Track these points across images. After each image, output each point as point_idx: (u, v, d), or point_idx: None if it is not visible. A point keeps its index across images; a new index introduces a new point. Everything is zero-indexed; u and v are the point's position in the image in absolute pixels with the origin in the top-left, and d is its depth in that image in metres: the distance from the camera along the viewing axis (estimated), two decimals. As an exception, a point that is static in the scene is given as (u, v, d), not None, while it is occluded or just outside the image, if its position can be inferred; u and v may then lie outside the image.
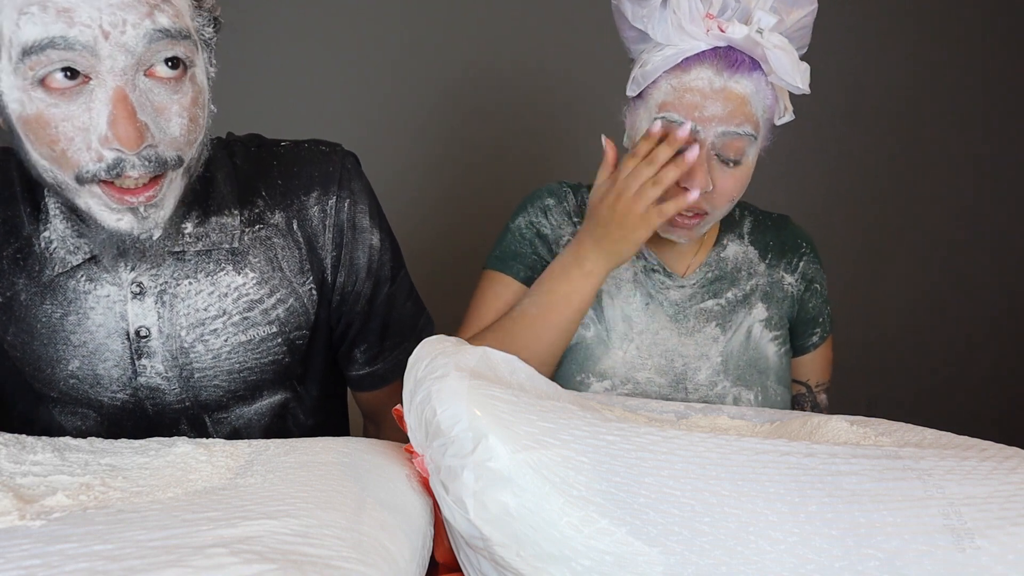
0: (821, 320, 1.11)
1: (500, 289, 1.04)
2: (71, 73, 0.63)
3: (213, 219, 0.80)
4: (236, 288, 0.81)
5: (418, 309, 0.96)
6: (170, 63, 0.66)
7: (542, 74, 1.91)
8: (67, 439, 0.67)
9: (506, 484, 0.51)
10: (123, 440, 0.68)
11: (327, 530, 0.49)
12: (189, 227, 0.79)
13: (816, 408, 1.13)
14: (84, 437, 0.71)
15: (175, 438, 0.68)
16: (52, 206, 0.77)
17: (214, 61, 0.75)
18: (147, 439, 0.68)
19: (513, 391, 0.58)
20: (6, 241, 0.79)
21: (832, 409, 1.10)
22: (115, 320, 0.78)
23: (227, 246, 0.80)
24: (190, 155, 0.71)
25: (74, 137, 0.64)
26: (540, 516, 0.50)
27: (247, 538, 0.46)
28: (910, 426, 0.73)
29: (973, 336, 2.27)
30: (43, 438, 0.66)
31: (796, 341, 1.11)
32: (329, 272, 0.86)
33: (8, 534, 0.47)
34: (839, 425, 0.73)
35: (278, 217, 0.84)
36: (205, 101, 0.72)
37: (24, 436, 0.66)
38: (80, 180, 0.66)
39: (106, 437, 0.76)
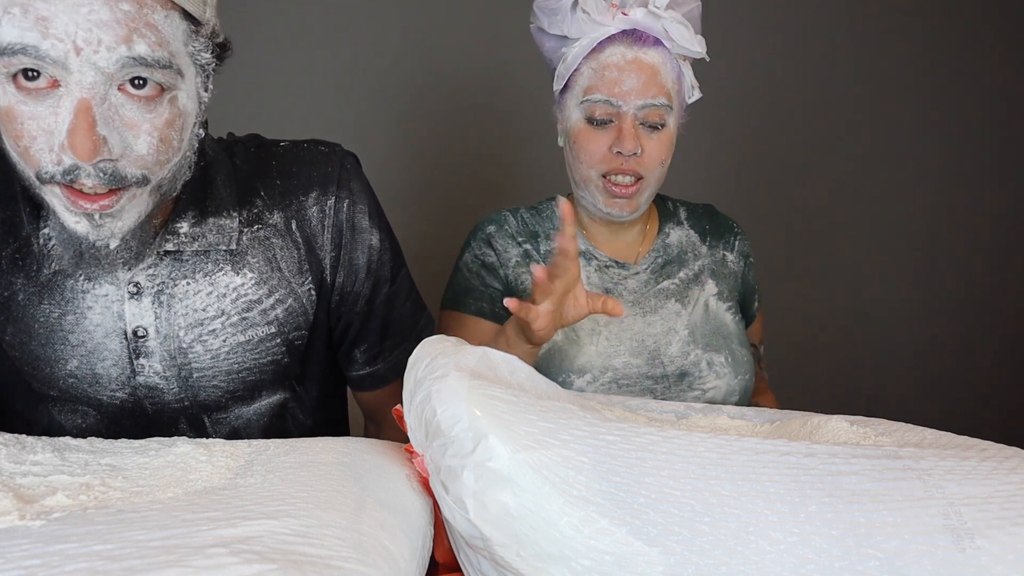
0: (756, 288, 1.23)
1: (455, 326, 1.11)
2: (34, 74, 0.63)
3: (211, 220, 0.80)
4: (235, 288, 0.81)
5: (418, 309, 0.96)
6: (136, 83, 0.66)
7: (539, 73, 1.91)
8: (67, 439, 0.67)
9: (506, 484, 0.51)
10: (123, 440, 0.68)
11: (327, 530, 0.49)
12: (185, 227, 0.79)
13: (759, 361, 1.24)
14: (84, 435, 0.71)
15: (175, 438, 0.68)
16: None
17: (210, 87, 0.74)
18: (147, 439, 0.68)
19: (513, 391, 0.58)
20: (5, 241, 0.79)
21: (831, 408, 1.12)
22: (113, 320, 0.78)
23: (224, 248, 0.80)
24: (160, 175, 0.70)
25: (37, 137, 0.65)
26: (540, 516, 0.50)
27: (247, 538, 0.46)
28: (910, 426, 0.73)
29: (973, 336, 2.27)
30: (43, 438, 0.66)
31: (745, 313, 1.20)
32: (328, 272, 0.86)
33: (8, 534, 0.47)
34: (839, 425, 0.73)
35: (276, 217, 0.83)
36: (185, 125, 0.71)
37: (24, 436, 0.66)
38: (40, 179, 0.67)
39: (105, 435, 0.76)
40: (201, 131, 0.75)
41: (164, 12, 0.66)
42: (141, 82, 0.66)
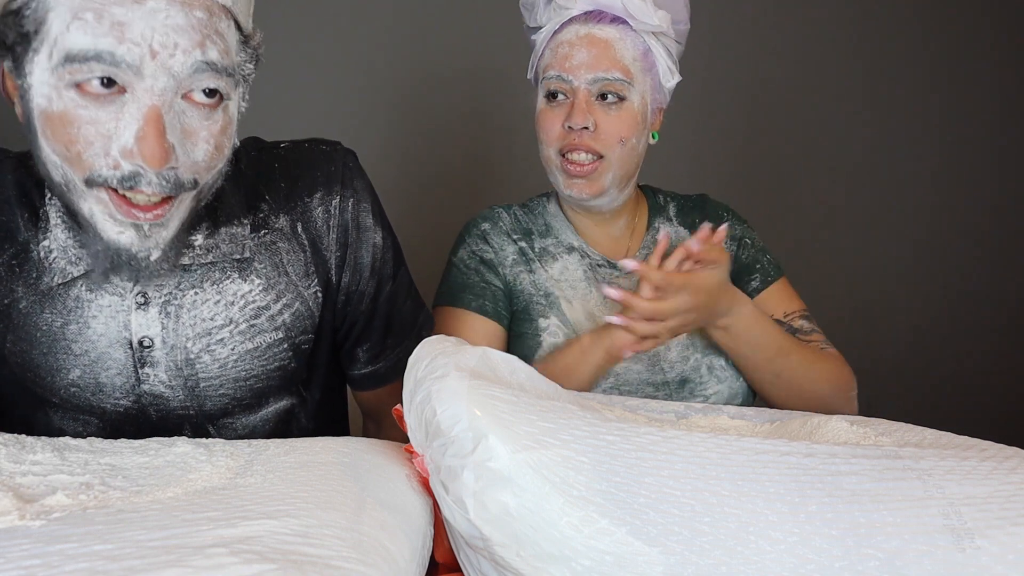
0: (758, 267, 1.12)
1: (452, 323, 1.06)
2: (108, 82, 0.63)
3: (223, 230, 0.79)
4: (242, 296, 0.80)
5: (417, 306, 0.96)
6: (207, 92, 0.67)
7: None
8: (67, 439, 0.67)
9: (506, 484, 0.51)
10: (123, 440, 0.68)
11: (327, 530, 0.49)
12: (199, 239, 0.78)
13: (794, 332, 1.09)
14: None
15: (175, 438, 0.68)
16: (54, 214, 0.76)
17: (247, 97, 0.75)
18: (147, 439, 0.68)
19: (513, 391, 0.58)
20: (0, 247, 0.78)
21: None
22: (117, 330, 0.77)
23: (237, 256, 0.80)
24: (206, 180, 0.71)
25: (94, 142, 0.64)
26: (540, 516, 0.50)
27: (247, 538, 0.46)
28: (910, 426, 0.73)
29: (974, 337, 2.27)
30: (43, 438, 0.66)
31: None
32: (334, 273, 0.85)
33: (8, 534, 0.47)
34: (839, 425, 0.73)
35: (283, 221, 0.83)
36: (232, 133, 0.72)
37: (24, 436, 0.66)
38: (89, 183, 0.66)
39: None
40: (237, 140, 0.75)
41: (227, 22, 0.68)
42: (210, 92, 0.67)
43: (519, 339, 1.07)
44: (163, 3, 0.63)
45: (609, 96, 1.01)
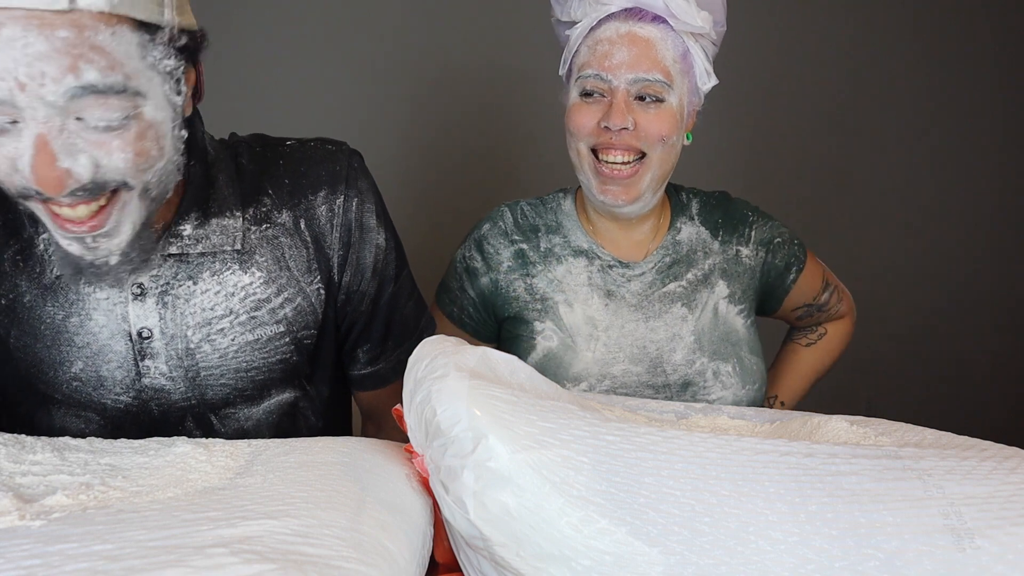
0: (793, 260, 1.14)
1: (439, 324, 1.07)
2: None
3: (214, 221, 0.80)
4: (243, 287, 0.81)
5: (420, 308, 0.96)
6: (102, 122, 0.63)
7: (545, 73, 1.91)
8: (67, 439, 0.67)
9: (506, 484, 0.51)
10: (123, 440, 0.68)
11: (327, 530, 0.49)
12: (188, 228, 0.78)
13: (824, 310, 1.22)
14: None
15: (175, 438, 0.68)
16: None
17: (183, 89, 0.69)
18: (147, 439, 0.68)
19: (513, 391, 0.58)
20: (6, 243, 0.79)
21: (831, 408, 1.11)
22: (117, 322, 0.78)
23: (229, 248, 0.80)
24: (145, 180, 0.67)
25: (2, 165, 0.63)
26: (540, 516, 0.50)
27: (247, 538, 0.46)
28: (910, 426, 0.73)
29: (973, 336, 2.27)
30: (43, 438, 0.66)
31: (777, 291, 1.14)
32: (336, 271, 0.86)
33: (8, 534, 0.47)
34: (839, 425, 0.73)
35: (285, 216, 0.83)
36: (160, 133, 0.67)
37: (24, 436, 0.66)
38: (22, 196, 0.65)
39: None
40: (184, 132, 0.71)
41: (110, 30, 0.61)
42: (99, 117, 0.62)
43: (515, 340, 1.07)
44: (19, 30, 0.57)
45: (647, 98, 0.98)
